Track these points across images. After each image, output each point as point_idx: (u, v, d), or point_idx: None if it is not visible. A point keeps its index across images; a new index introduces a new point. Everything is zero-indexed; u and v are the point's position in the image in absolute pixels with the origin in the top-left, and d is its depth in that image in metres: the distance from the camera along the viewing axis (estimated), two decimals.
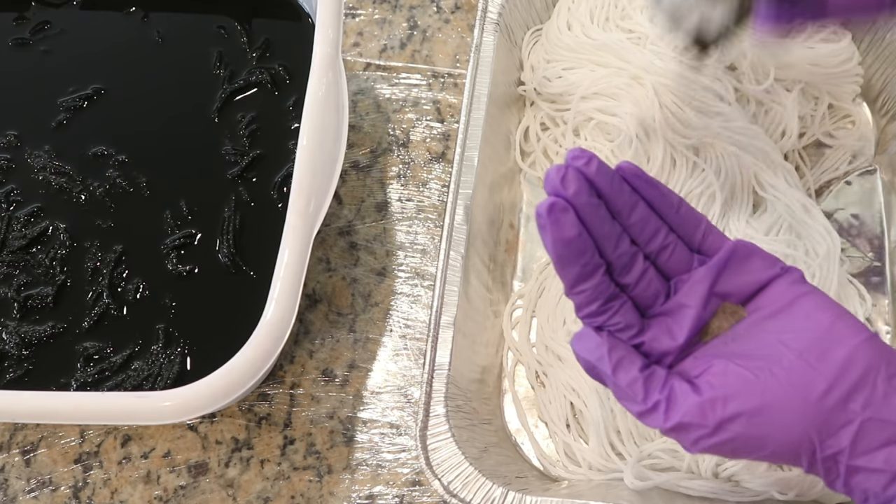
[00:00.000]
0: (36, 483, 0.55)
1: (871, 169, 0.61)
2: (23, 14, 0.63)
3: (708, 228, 0.40)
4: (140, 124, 0.58)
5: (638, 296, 0.39)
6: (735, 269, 0.38)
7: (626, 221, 0.38)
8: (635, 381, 0.36)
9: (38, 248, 0.55)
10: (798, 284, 0.38)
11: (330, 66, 0.52)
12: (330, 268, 0.60)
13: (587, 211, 0.37)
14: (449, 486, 0.46)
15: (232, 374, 0.45)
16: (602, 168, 0.37)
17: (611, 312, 0.38)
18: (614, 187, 0.37)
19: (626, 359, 0.37)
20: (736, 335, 0.37)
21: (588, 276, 0.37)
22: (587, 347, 0.37)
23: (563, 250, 0.36)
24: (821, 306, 0.36)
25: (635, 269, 0.38)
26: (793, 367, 0.34)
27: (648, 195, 0.39)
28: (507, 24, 0.61)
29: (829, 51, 0.60)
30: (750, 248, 0.39)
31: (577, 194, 0.36)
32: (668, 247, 0.39)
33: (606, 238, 0.37)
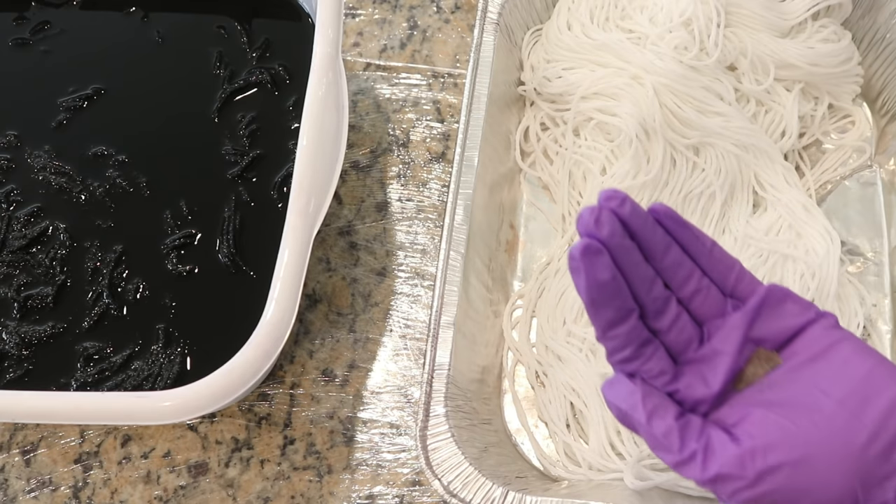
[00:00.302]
0: (36, 483, 0.55)
1: (871, 169, 0.61)
2: (23, 14, 0.63)
3: (741, 272, 0.39)
4: (140, 124, 0.58)
5: (671, 341, 0.38)
6: (769, 314, 0.37)
7: (659, 264, 0.37)
8: (671, 430, 0.35)
9: (38, 248, 0.55)
10: (833, 330, 0.37)
11: (330, 66, 0.52)
12: (330, 268, 0.60)
13: (621, 253, 0.35)
14: (449, 486, 0.46)
15: (232, 374, 0.45)
16: (636, 209, 0.36)
17: (644, 358, 0.36)
18: (648, 229, 0.36)
19: (660, 407, 0.35)
20: (772, 382, 0.36)
21: (622, 320, 0.36)
22: (620, 395, 0.36)
23: (597, 294, 0.35)
24: (858, 353, 0.35)
25: (669, 313, 0.37)
26: (834, 416, 0.33)
27: (681, 237, 0.38)
28: (507, 24, 0.61)
29: (829, 51, 0.60)
30: (783, 291, 0.38)
31: (612, 236, 0.35)
32: (701, 291, 0.38)
33: (640, 281, 0.36)
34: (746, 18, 0.59)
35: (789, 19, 0.60)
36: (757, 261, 0.55)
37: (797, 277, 0.54)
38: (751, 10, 0.59)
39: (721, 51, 0.57)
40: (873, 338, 0.55)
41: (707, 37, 0.57)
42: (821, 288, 0.54)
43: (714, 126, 0.56)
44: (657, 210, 0.37)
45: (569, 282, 0.56)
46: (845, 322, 0.54)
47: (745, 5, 0.59)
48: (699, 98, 0.57)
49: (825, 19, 0.62)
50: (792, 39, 0.60)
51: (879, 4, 0.60)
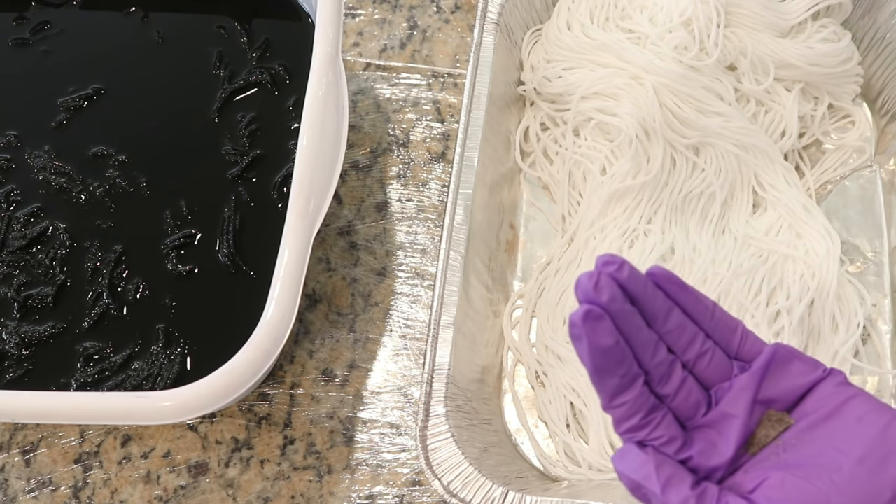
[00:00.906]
0: (36, 483, 0.55)
1: (871, 169, 0.61)
2: (23, 14, 0.62)
3: (745, 333, 0.38)
4: (140, 124, 0.58)
5: (678, 407, 0.37)
6: (777, 374, 0.37)
7: (661, 328, 0.37)
8: (688, 499, 0.34)
9: (38, 248, 0.55)
10: (844, 387, 0.36)
11: (330, 66, 0.52)
12: (330, 268, 0.60)
13: (623, 318, 0.35)
14: (449, 486, 0.46)
15: (232, 374, 0.45)
16: (634, 273, 0.35)
17: (653, 426, 0.36)
18: (648, 293, 0.36)
19: (675, 476, 0.34)
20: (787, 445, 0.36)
21: (627, 386, 0.35)
22: (631, 466, 0.35)
23: (600, 360, 0.34)
24: (872, 409, 0.35)
25: (674, 378, 0.36)
26: (854, 475, 0.33)
27: (682, 300, 0.37)
28: (507, 24, 0.61)
29: (829, 51, 0.60)
30: (789, 350, 0.37)
31: (612, 301, 0.34)
32: (706, 354, 0.37)
33: (643, 346, 0.36)
34: (746, 18, 0.59)
35: (789, 19, 0.60)
36: (757, 261, 0.55)
37: (797, 277, 0.54)
38: (751, 10, 0.59)
39: (721, 51, 0.57)
40: (873, 338, 0.55)
41: (707, 37, 0.57)
42: (821, 288, 0.54)
43: (714, 126, 0.56)
44: (656, 273, 0.37)
45: (569, 282, 0.56)
46: (845, 322, 0.54)
47: (745, 5, 0.59)
48: (699, 98, 0.57)
49: (825, 19, 0.62)
50: (792, 39, 0.60)
51: (879, 4, 0.61)
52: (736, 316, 0.53)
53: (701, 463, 0.36)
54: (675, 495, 0.34)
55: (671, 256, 0.56)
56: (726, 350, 0.38)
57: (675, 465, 0.35)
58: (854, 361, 0.53)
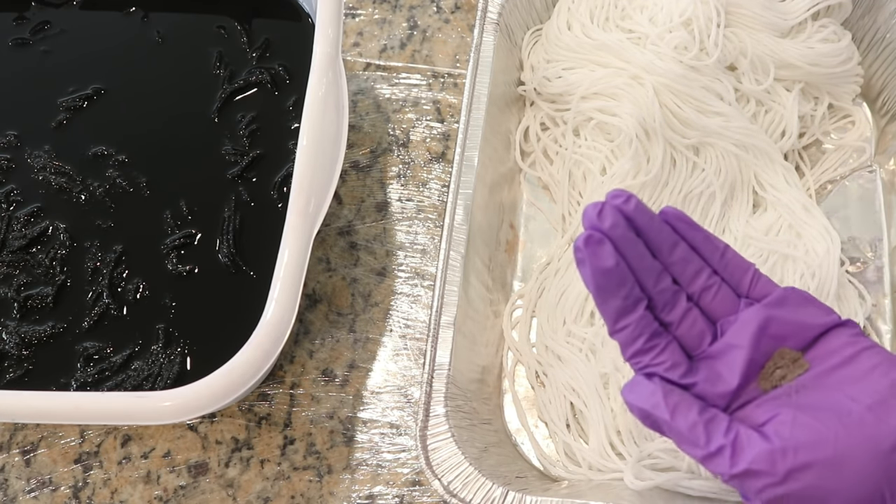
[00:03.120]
0: (36, 483, 0.55)
1: (871, 169, 0.61)
2: (23, 14, 0.63)
3: (757, 274, 0.39)
4: (140, 124, 0.58)
5: (683, 335, 0.38)
6: (789, 312, 0.37)
7: (666, 259, 0.37)
8: (695, 424, 0.35)
9: (38, 248, 0.55)
10: (858, 337, 0.37)
11: (330, 66, 0.52)
12: (330, 268, 0.60)
13: (625, 244, 0.36)
14: (449, 486, 0.46)
15: (232, 374, 0.45)
16: (641, 206, 0.36)
17: (657, 350, 0.36)
18: (654, 226, 0.37)
19: (682, 403, 0.35)
20: (800, 386, 0.36)
21: (630, 309, 0.36)
22: (640, 395, 0.36)
23: (602, 280, 0.35)
24: (884, 360, 0.36)
25: (678, 306, 0.37)
26: (863, 420, 0.34)
27: (691, 238, 0.38)
28: (507, 24, 0.61)
29: (829, 51, 0.60)
30: (806, 295, 0.38)
31: (614, 227, 0.35)
32: (711, 287, 0.38)
33: (647, 273, 0.36)
34: (746, 18, 0.59)
35: (789, 19, 0.60)
36: (757, 261, 0.55)
37: (797, 277, 0.54)
38: (751, 10, 0.59)
39: (721, 51, 0.57)
40: (873, 338, 0.55)
41: (707, 37, 0.57)
42: (821, 288, 0.54)
43: (714, 126, 0.56)
44: (667, 212, 0.38)
45: (569, 282, 0.56)
46: None
47: (745, 5, 0.59)
48: (699, 98, 0.57)
49: (825, 19, 0.62)
50: (792, 39, 0.60)
51: (879, 4, 0.61)
52: None
53: (706, 390, 0.36)
54: (683, 421, 0.35)
55: None
56: (737, 289, 0.39)
57: (683, 392, 0.36)
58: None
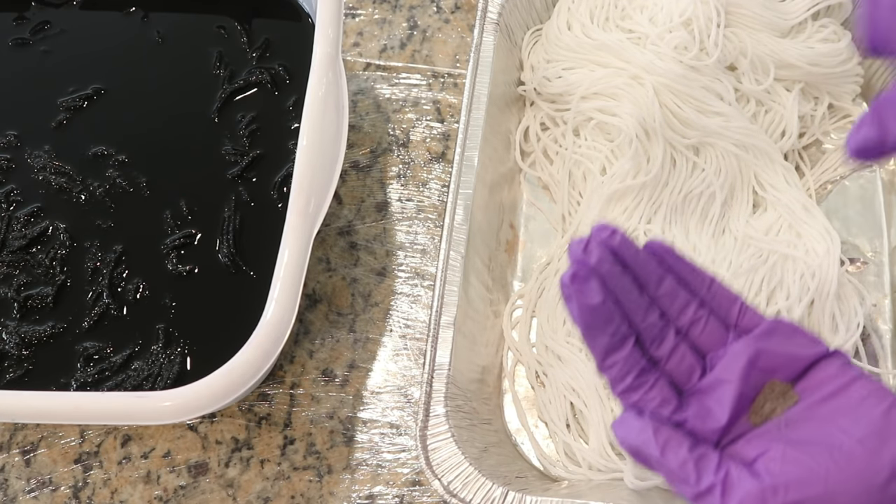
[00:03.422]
0: (36, 483, 0.55)
1: (871, 169, 0.61)
2: (23, 14, 0.63)
3: (744, 306, 0.38)
4: (140, 124, 0.58)
5: (672, 370, 0.37)
6: (777, 344, 0.37)
7: (654, 293, 0.37)
8: (686, 461, 0.34)
9: (38, 248, 0.55)
10: (847, 367, 0.37)
11: (330, 66, 0.52)
12: (330, 268, 0.60)
13: (611, 279, 0.36)
14: (449, 486, 0.46)
15: (232, 374, 0.45)
16: (626, 240, 0.36)
17: (646, 387, 0.36)
18: (640, 259, 0.37)
19: (673, 439, 0.35)
20: (789, 420, 0.36)
21: (618, 346, 0.36)
22: (630, 431, 0.36)
23: (589, 318, 0.35)
24: (874, 391, 0.35)
25: (667, 341, 0.37)
26: (854, 455, 0.34)
27: (678, 269, 0.38)
28: (507, 24, 0.61)
29: (829, 51, 0.60)
30: (793, 325, 0.37)
31: (601, 262, 0.35)
32: (699, 320, 0.38)
33: (634, 308, 0.36)
34: (746, 18, 0.59)
35: (789, 19, 0.60)
36: (757, 261, 0.55)
37: (797, 277, 0.54)
38: (751, 10, 0.59)
39: (721, 51, 0.57)
40: (873, 338, 0.55)
41: (707, 37, 0.57)
42: (821, 288, 0.54)
43: (714, 126, 0.56)
44: (652, 244, 0.38)
45: None
46: (845, 322, 0.54)
47: (745, 5, 0.59)
48: (699, 98, 0.57)
49: (825, 19, 0.62)
50: (792, 39, 0.60)
51: None
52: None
53: (696, 426, 0.36)
54: (673, 458, 0.34)
55: None
56: (725, 321, 0.38)
57: (673, 429, 0.36)
58: (854, 361, 0.53)
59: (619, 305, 0.36)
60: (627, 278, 0.36)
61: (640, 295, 0.37)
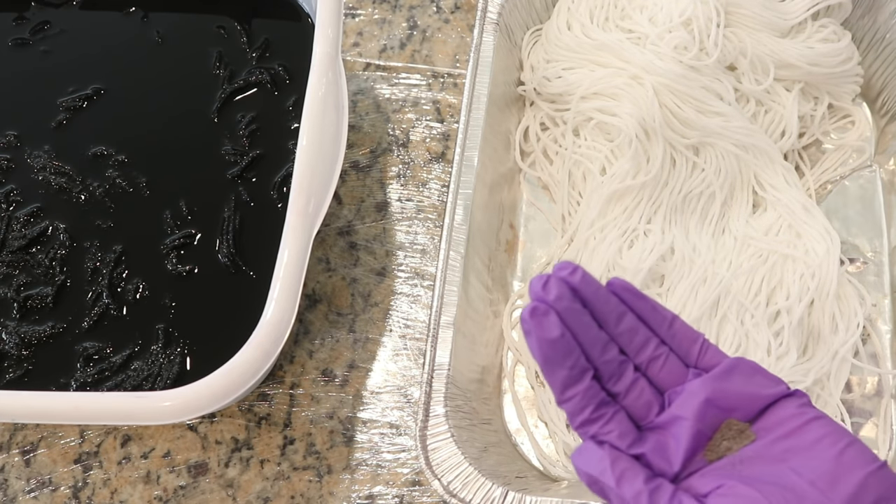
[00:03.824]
0: (36, 483, 0.55)
1: (871, 169, 0.61)
2: (23, 14, 0.63)
3: (706, 345, 0.39)
4: (140, 124, 0.58)
5: (630, 405, 0.38)
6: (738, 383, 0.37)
7: (613, 331, 0.38)
8: (640, 493, 0.35)
9: (37, 248, 0.55)
10: (806, 408, 0.37)
11: (330, 66, 0.52)
12: (330, 268, 0.60)
13: (571, 316, 0.37)
14: (449, 486, 0.46)
15: (232, 374, 0.45)
16: (587, 278, 0.37)
17: (604, 420, 0.37)
18: (600, 297, 0.37)
19: (629, 471, 0.36)
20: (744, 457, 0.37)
21: (576, 379, 0.37)
22: (588, 461, 0.37)
23: (548, 351, 0.36)
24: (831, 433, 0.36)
25: (625, 377, 0.38)
26: (804, 495, 0.34)
27: (638, 308, 0.38)
28: (506, 24, 0.61)
29: (829, 51, 0.60)
30: (753, 365, 0.38)
31: (559, 299, 0.36)
32: (658, 357, 0.38)
33: (592, 343, 0.37)
34: (746, 18, 0.59)
35: (789, 19, 0.60)
36: (757, 261, 0.55)
37: (797, 277, 0.54)
38: (751, 10, 0.59)
39: (721, 51, 0.57)
40: (873, 338, 0.55)
41: (707, 37, 0.57)
42: (821, 288, 0.54)
43: (714, 126, 0.56)
44: (613, 283, 0.38)
45: None
46: (845, 322, 0.54)
47: (744, 5, 0.59)
48: (699, 98, 0.57)
49: (825, 19, 0.62)
50: (792, 39, 0.60)
51: (879, 4, 0.61)
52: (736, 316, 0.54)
53: (654, 461, 0.37)
54: (628, 489, 0.35)
55: (671, 256, 0.56)
56: (685, 359, 0.39)
57: (631, 460, 0.36)
58: (854, 361, 0.53)
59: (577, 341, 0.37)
60: (586, 315, 0.37)
61: (599, 331, 0.37)
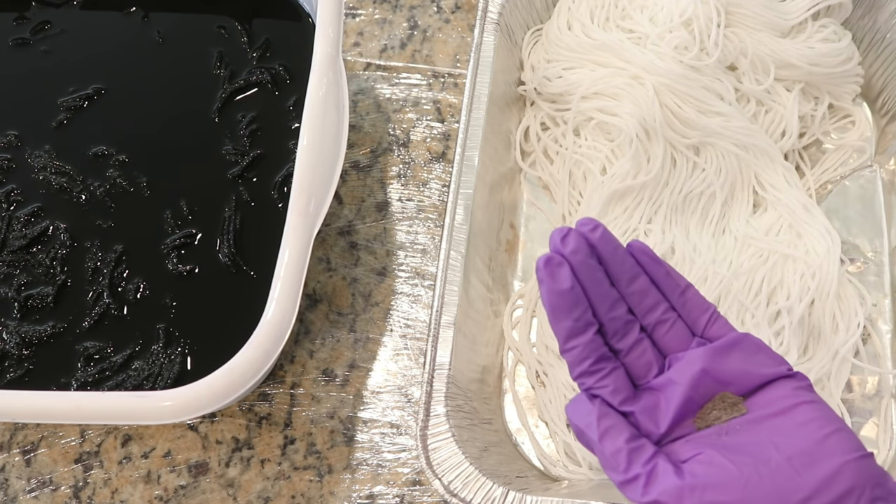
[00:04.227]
0: (36, 483, 0.55)
1: (871, 169, 0.61)
2: (23, 14, 0.63)
3: (716, 316, 0.40)
4: (140, 124, 0.58)
5: (630, 363, 0.39)
6: (738, 358, 0.38)
7: (624, 290, 0.39)
8: (619, 451, 0.36)
9: (38, 247, 0.55)
10: (803, 391, 0.37)
11: (330, 66, 0.52)
12: (330, 268, 0.60)
13: (583, 270, 0.37)
14: (449, 486, 0.46)
15: (232, 373, 0.45)
16: (607, 236, 0.38)
17: (602, 374, 0.38)
18: (617, 256, 0.38)
19: (614, 428, 0.37)
20: (730, 429, 0.37)
21: (580, 331, 0.38)
22: (578, 413, 0.38)
23: (556, 301, 0.37)
24: (820, 417, 0.36)
25: (630, 335, 0.39)
26: (778, 470, 0.34)
27: (653, 272, 0.39)
28: (507, 23, 0.61)
29: (829, 51, 0.60)
30: (759, 343, 0.38)
31: (575, 253, 0.37)
32: (666, 321, 0.39)
33: (601, 299, 0.38)
34: (746, 18, 0.59)
35: (789, 19, 0.60)
36: (757, 261, 0.55)
37: (797, 277, 0.54)
38: (751, 10, 0.59)
39: (721, 51, 0.57)
40: (873, 338, 0.55)
41: (707, 37, 0.57)
42: (821, 288, 0.54)
43: (714, 126, 0.56)
44: (633, 245, 0.39)
45: None
46: (845, 322, 0.54)
47: (745, 5, 0.59)
48: (699, 98, 0.57)
49: (825, 19, 0.62)
50: (792, 39, 0.60)
51: (880, 4, 0.61)
52: (736, 316, 0.54)
53: (641, 421, 0.38)
54: (610, 444, 0.36)
55: (671, 256, 0.56)
56: (693, 328, 0.40)
57: (619, 418, 0.37)
58: (854, 361, 0.53)
59: (587, 295, 0.38)
60: (600, 272, 0.38)
61: (611, 288, 0.38)
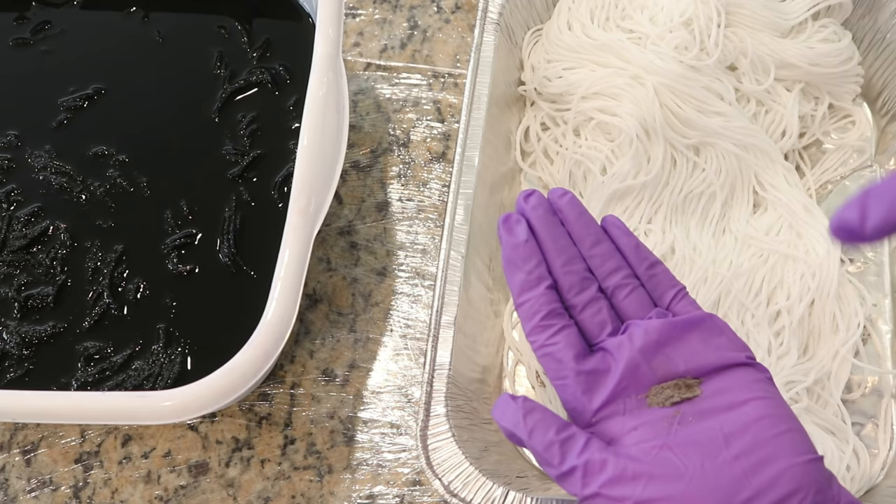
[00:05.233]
0: (36, 483, 0.55)
1: (871, 169, 0.61)
2: (23, 14, 0.63)
3: (683, 293, 0.39)
4: (140, 124, 0.58)
5: (585, 321, 0.39)
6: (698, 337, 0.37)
7: (587, 252, 0.39)
8: (552, 444, 0.35)
9: (38, 247, 0.55)
10: (761, 384, 0.36)
11: (330, 66, 0.52)
12: (330, 268, 0.60)
13: (542, 225, 0.38)
14: (449, 486, 0.46)
15: (232, 373, 0.45)
16: (574, 202, 0.39)
17: (553, 330, 0.38)
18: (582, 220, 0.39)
19: (541, 422, 0.36)
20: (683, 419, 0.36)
21: (532, 285, 0.38)
22: (503, 413, 0.37)
23: (511, 254, 0.38)
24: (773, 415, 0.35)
25: (586, 292, 0.39)
26: (723, 468, 0.33)
27: (622, 243, 0.40)
28: (507, 23, 0.61)
29: (829, 51, 0.60)
30: (723, 326, 0.38)
31: (534, 208, 0.38)
32: (626, 286, 0.39)
33: (558, 252, 0.38)
34: (747, 18, 0.59)
35: (789, 19, 0.60)
36: (757, 261, 0.55)
37: (797, 277, 0.54)
38: (751, 10, 0.59)
39: (721, 51, 0.57)
40: (873, 338, 0.55)
41: (707, 37, 0.57)
42: (821, 288, 0.54)
43: (714, 126, 0.56)
44: (607, 219, 0.40)
45: None
46: (845, 322, 0.54)
47: (745, 5, 0.59)
48: (699, 98, 0.57)
49: (825, 19, 0.62)
50: (792, 39, 0.60)
51: (880, 4, 0.61)
52: (736, 316, 0.54)
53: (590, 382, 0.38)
54: (540, 440, 0.36)
55: (671, 256, 0.56)
56: (658, 301, 0.40)
57: (545, 411, 0.37)
58: (854, 361, 0.53)
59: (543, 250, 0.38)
60: (560, 227, 0.39)
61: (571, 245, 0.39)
